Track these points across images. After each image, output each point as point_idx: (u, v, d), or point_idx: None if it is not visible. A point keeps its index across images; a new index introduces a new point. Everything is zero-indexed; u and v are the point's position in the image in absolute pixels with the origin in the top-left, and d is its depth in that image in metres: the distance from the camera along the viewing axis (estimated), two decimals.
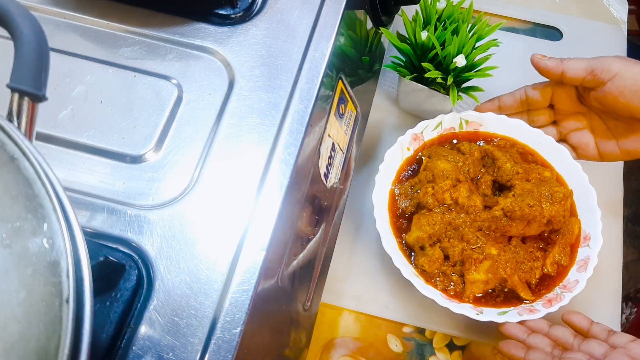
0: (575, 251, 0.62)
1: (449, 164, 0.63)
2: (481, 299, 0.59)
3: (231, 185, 0.44)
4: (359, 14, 0.62)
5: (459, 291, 0.59)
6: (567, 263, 0.61)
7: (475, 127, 0.70)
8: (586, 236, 0.62)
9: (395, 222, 0.64)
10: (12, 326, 0.26)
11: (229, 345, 0.38)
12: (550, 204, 0.59)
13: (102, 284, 0.38)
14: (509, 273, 0.59)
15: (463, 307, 0.57)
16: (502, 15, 0.87)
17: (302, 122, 0.47)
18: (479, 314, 0.57)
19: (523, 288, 0.59)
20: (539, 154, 0.68)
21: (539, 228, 0.61)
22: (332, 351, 0.64)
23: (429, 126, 0.69)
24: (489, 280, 0.59)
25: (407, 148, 0.68)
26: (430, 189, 0.62)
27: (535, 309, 0.58)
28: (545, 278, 0.61)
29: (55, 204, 0.28)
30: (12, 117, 0.31)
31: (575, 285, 0.59)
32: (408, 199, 0.64)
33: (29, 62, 0.32)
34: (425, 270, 0.60)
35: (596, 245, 0.61)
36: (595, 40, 0.85)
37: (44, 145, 0.45)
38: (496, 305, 0.59)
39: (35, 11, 0.51)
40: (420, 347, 0.65)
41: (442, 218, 0.61)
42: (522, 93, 0.68)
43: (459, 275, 0.60)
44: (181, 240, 0.41)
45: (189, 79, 0.49)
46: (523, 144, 0.69)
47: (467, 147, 0.66)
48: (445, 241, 0.61)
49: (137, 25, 0.51)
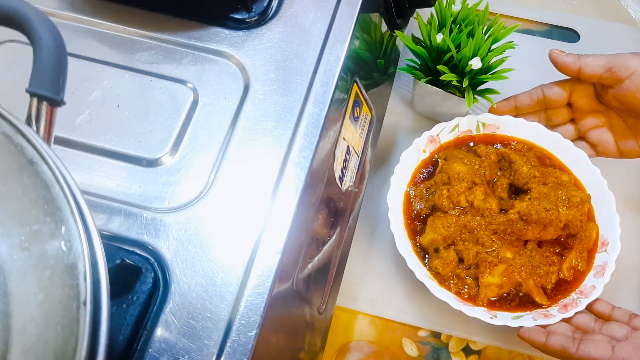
0: (592, 256, 0.61)
1: (465, 167, 0.63)
2: (495, 302, 0.59)
3: (246, 188, 0.44)
4: (373, 17, 0.62)
5: (473, 294, 0.59)
6: (584, 268, 0.60)
7: (493, 130, 0.69)
8: (604, 241, 0.61)
9: (409, 224, 0.63)
10: (31, 328, 0.27)
11: (244, 348, 0.38)
12: (567, 208, 0.59)
13: (118, 287, 0.38)
14: (524, 277, 0.58)
15: (477, 310, 0.57)
16: (518, 17, 0.86)
17: (317, 126, 0.47)
18: (492, 317, 0.56)
19: (538, 292, 0.58)
20: (556, 157, 0.67)
21: (556, 232, 0.61)
22: (347, 355, 0.64)
23: (446, 128, 0.68)
24: (503, 284, 0.58)
25: (423, 150, 0.68)
26: (445, 191, 0.62)
27: (550, 314, 0.57)
28: (562, 283, 0.60)
29: (73, 207, 0.28)
30: (30, 122, 0.32)
31: (592, 291, 0.58)
32: (423, 201, 0.64)
33: (47, 67, 0.32)
34: (439, 273, 0.60)
35: (614, 251, 0.60)
36: (613, 41, 0.84)
37: (62, 149, 0.46)
38: (511, 310, 0.58)
39: (54, 17, 0.51)
40: (436, 351, 0.64)
41: (457, 221, 0.60)
42: (539, 92, 0.67)
43: (473, 279, 0.59)
44: (197, 244, 0.41)
45: (205, 83, 0.49)
46: (541, 147, 0.68)
47: (483, 149, 0.65)
48: (459, 244, 0.60)
49: (153, 30, 0.51)
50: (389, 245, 0.61)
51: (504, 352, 0.63)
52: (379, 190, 0.71)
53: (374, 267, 0.68)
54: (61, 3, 0.53)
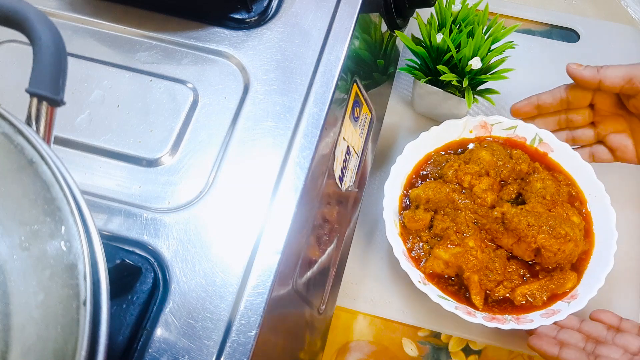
0: (553, 302, 0.59)
1: (489, 156, 0.64)
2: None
3: (246, 188, 0.44)
4: (373, 17, 0.62)
5: (419, 258, 0.61)
6: (537, 304, 0.59)
7: (546, 149, 0.68)
8: (574, 295, 0.59)
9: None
10: (30, 328, 0.27)
11: (244, 348, 0.38)
12: (548, 235, 0.57)
13: (118, 287, 0.38)
14: (470, 268, 0.58)
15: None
16: (518, 17, 0.87)
17: (317, 126, 0.47)
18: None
19: (478, 292, 0.58)
20: (586, 199, 0.65)
21: (527, 252, 0.59)
22: (347, 355, 0.64)
23: (503, 123, 0.69)
24: (450, 263, 0.59)
25: (470, 130, 0.69)
26: (456, 164, 0.63)
27: (473, 313, 0.57)
28: (506, 301, 0.59)
29: (73, 207, 0.28)
30: (30, 122, 0.32)
31: (526, 323, 0.57)
32: (436, 169, 0.66)
33: (47, 67, 0.32)
34: (405, 226, 0.62)
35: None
36: (613, 41, 0.84)
37: (61, 149, 0.46)
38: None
39: (54, 17, 0.51)
40: (436, 351, 0.64)
41: (448, 192, 0.62)
42: (562, 91, 0.66)
43: (430, 247, 0.61)
44: (197, 244, 0.41)
45: (205, 83, 0.49)
46: (578, 188, 0.66)
47: (519, 155, 0.65)
48: (440, 213, 0.62)
49: (153, 30, 0.51)
50: (389, 246, 0.61)
51: (504, 352, 0.63)
52: (378, 190, 0.71)
53: (373, 267, 0.68)
54: (61, 3, 0.52)
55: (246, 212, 0.43)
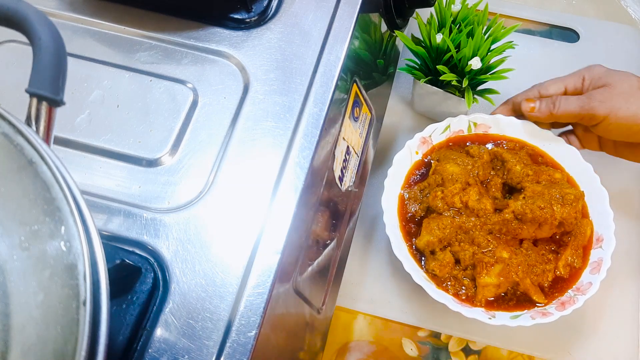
0: (588, 253, 0.61)
1: (458, 167, 0.63)
2: (493, 302, 0.59)
3: (246, 188, 0.44)
4: (373, 17, 0.62)
5: (471, 295, 0.59)
6: (580, 265, 0.60)
7: (484, 129, 0.69)
8: (599, 237, 0.61)
9: (405, 227, 0.63)
10: (30, 328, 0.27)
11: (244, 348, 0.38)
12: (562, 206, 0.59)
13: (118, 287, 0.38)
14: (521, 276, 0.58)
15: (475, 311, 0.57)
16: (517, 17, 0.87)
17: (317, 126, 0.47)
18: (491, 318, 0.56)
19: (536, 291, 0.58)
20: (549, 155, 0.67)
21: (551, 230, 0.61)
22: (347, 355, 0.64)
23: (438, 129, 0.68)
24: (500, 283, 0.58)
25: (416, 152, 0.68)
26: (439, 193, 0.61)
27: (548, 312, 0.57)
28: (558, 281, 0.60)
29: (73, 207, 0.28)
30: (30, 122, 0.32)
31: (588, 288, 0.58)
32: (417, 203, 0.64)
33: (47, 68, 0.32)
34: (437, 275, 0.60)
35: (609, 247, 0.60)
36: (613, 41, 0.84)
37: (61, 149, 0.45)
38: (509, 309, 0.58)
39: (54, 17, 0.51)
40: (435, 351, 0.64)
41: (452, 222, 0.60)
42: (535, 92, 0.66)
43: (471, 279, 0.59)
44: (196, 244, 0.41)
45: (204, 83, 0.49)
46: (533, 145, 0.68)
47: (476, 150, 0.65)
48: (455, 245, 0.60)
49: (153, 30, 0.51)
50: (389, 246, 0.61)
51: (504, 352, 0.64)
52: (378, 190, 0.71)
53: (373, 267, 0.68)
54: (61, 3, 0.53)
55: (246, 212, 0.43)
